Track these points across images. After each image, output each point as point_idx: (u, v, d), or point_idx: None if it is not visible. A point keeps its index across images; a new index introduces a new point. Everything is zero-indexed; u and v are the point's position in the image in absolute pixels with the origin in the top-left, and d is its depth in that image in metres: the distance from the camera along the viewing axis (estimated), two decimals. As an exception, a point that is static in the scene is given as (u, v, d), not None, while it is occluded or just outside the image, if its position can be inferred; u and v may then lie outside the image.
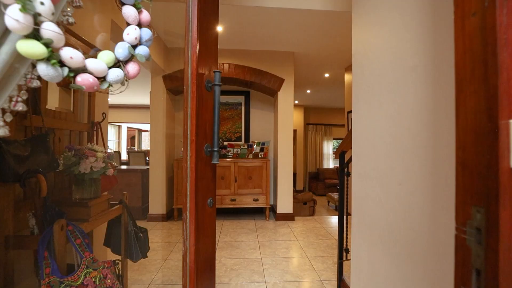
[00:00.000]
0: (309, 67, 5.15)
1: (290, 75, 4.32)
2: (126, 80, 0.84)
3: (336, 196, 7.07)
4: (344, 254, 2.14)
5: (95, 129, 1.99)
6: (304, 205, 6.15)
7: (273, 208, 4.80)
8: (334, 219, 4.46)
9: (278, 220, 4.26)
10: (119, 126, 12.71)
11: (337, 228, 3.82)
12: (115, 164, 1.88)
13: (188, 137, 1.22)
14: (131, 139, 13.55)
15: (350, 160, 1.99)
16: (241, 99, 4.87)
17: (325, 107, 9.82)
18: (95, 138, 2.03)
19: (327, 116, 9.99)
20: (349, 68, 4.98)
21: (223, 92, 4.84)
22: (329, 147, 10.06)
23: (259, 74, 4.27)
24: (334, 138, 10.23)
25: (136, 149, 12.88)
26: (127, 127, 13.07)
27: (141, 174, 4.33)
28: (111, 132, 12.17)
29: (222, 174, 4.25)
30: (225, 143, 4.79)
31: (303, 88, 6.86)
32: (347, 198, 2.12)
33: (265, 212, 4.58)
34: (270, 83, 4.29)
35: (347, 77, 5.12)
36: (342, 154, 2.13)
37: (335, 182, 8.88)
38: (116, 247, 2.03)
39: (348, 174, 2.05)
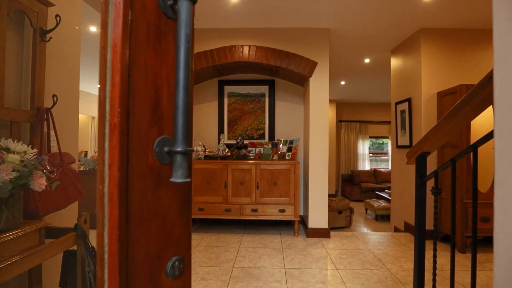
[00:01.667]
0: (346, 50, 4.27)
1: (324, 57, 3.50)
2: None
3: (376, 203, 6.08)
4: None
5: (40, 120, 1.34)
6: (339, 215, 5.27)
7: (303, 220, 4.00)
8: (378, 238, 3.56)
9: (309, 236, 3.45)
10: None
11: (387, 251, 2.89)
12: (77, 169, 1.23)
13: (106, 118, 0.50)
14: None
15: (449, 167, 1.16)
16: (264, 89, 4.12)
17: (361, 102, 8.78)
18: (47, 131, 1.39)
19: (363, 112, 8.93)
20: (397, 50, 4.03)
21: (242, 82, 4.12)
22: (364, 147, 9.00)
23: (286, 57, 3.49)
24: (370, 137, 9.14)
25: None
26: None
27: (148, 178, 3.73)
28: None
29: (242, 178, 3.53)
30: (246, 142, 4.06)
31: (336, 79, 5.97)
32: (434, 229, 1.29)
33: (293, 226, 3.79)
34: (300, 67, 3.49)
35: (394, 62, 4.18)
36: (422, 157, 1.30)
37: (373, 187, 7.83)
38: (74, 293, 1.38)
39: (438, 191, 1.22)
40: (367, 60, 4.73)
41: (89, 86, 7.57)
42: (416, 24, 3.38)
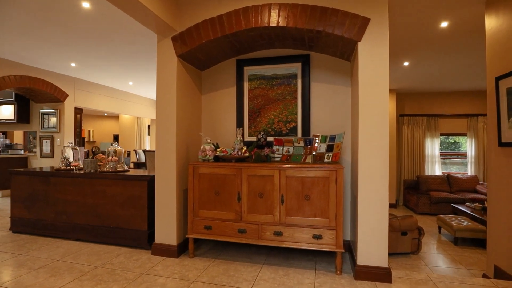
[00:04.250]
0: (412, 9, 3.01)
1: (381, 10, 2.34)
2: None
3: (455, 221, 4.53)
4: None
5: None
6: (403, 236, 3.94)
7: (349, 248, 2.86)
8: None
9: (359, 278, 2.32)
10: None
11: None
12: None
13: None
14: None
15: None
16: (296, 68, 3.08)
17: (429, 91, 7.07)
18: None
19: (432, 104, 7.21)
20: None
21: (267, 60, 3.14)
22: (434, 147, 7.26)
23: (323, 15, 2.42)
24: (441, 134, 7.35)
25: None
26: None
27: (147, 184, 2.99)
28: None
29: (261, 189, 2.56)
30: (270, 139, 3.08)
31: (397, 58, 4.61)
32: None
33: (335, 259, 2.69)
34: (343, 28, 2.39)
35: (491, 19, 2.78)
36: None
37: (447, 197, 6.15)
38: None
39: None
40: (444, 24, 3.36)
41: (137, 88, 7.38)
42: None
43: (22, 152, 6.90)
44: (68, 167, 3.56)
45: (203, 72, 3.37)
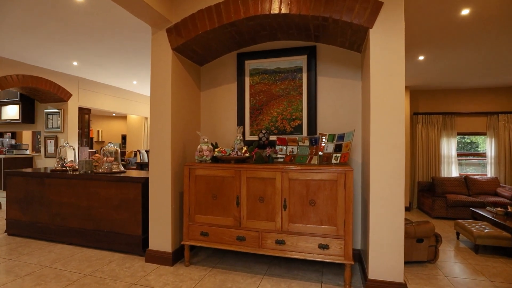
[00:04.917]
0: (432, -6, 2.72)
1: (396, -7, 2.09)
2: None
3: (475, 227, 4.19)
4: None
5: None
6: (419, 244, 3.63)
7: (359, 257, 2.61)
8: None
9: (370, 293, 2.07)
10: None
11: None
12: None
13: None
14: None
15: None
16: (301, 61, 2.84)
17: (446, 88, 6.70)
18: None
19: (448, 101, 6.83)
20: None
21: (269, 53, 2.91)
22: (450, 147, 6.87)
23: (330, 0, 2.18)
24: (458, 134, 6.95)
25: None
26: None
27: (142, 186, 2.81)
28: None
29: (261, 192, 2.33)
30: (273, 138, 2.85)
31: (411, 52, 4.30)
32: None
33: (343, 270, 2.43)
34: (352, 13, 2.14)
35: (521, 1, 2.47)
36: None
37: (465, 200, 5.77)
38: None
39: None
40: (465, 11, 3.06)
41: (141, 88, 7.28)
42: None
43: (28, 152, 6.88)
44: (63, 168, 3.42)
45: (202, 67, 3.17)
